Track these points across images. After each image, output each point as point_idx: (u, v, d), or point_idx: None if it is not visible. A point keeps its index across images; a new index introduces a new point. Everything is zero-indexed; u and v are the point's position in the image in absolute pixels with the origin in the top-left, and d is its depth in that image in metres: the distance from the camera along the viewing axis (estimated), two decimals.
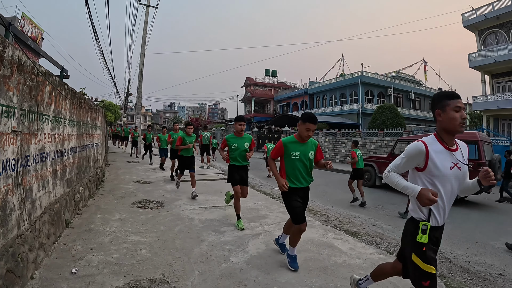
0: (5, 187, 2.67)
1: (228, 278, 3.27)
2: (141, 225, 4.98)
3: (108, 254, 3.71)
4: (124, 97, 35.65)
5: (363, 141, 20.19)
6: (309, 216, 6.13)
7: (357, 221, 6.35)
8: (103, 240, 4.19)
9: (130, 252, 3.82)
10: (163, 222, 5.23)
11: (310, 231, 5.08)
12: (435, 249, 2.21)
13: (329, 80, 39.79)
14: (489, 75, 24.84)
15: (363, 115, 32.38)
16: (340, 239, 4.80)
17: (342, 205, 8.13)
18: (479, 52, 24.28)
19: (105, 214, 5.49)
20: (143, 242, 4.20)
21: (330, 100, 38.84)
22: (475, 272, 4.16)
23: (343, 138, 22.31)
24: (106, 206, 6.08)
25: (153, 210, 6.00)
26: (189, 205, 6.51)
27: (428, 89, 41.42)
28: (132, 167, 12.86)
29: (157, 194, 7.43)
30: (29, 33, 18.44)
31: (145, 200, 6.65)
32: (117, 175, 10.20)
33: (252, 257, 3.88)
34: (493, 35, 24.09)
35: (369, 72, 34.76)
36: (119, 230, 4.66)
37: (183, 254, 3.87)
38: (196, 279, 3.20)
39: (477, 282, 3.82)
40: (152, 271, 3.34)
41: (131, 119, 60.80)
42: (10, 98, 2.74)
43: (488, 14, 23.12)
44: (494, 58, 22.49)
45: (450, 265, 4.37)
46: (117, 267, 3.39)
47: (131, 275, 3.21)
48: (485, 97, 23.71)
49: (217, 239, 4.50)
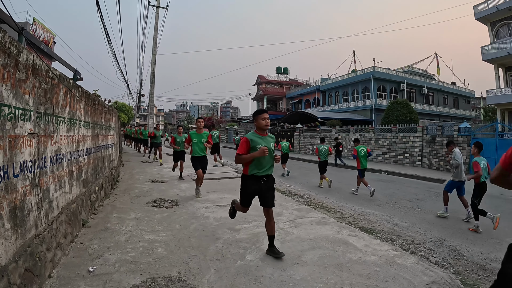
0: (23, 188, 2.72)
1: (243, 275, 3.28)
2: (157, 224, 5.03)
3: (124, 253, 3.76)
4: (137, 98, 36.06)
5: (377, 137, 19.94)
6: (323, 213, 6.11)
7: (372, 218, 6.29)
8: (119, 239, 4.24)
9: (146, 251, 3.86)
10: (178, 220, 5.27)
11: (325, 228, 5.07)
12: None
13: (341, 76, 39.40)
14: (502, 68, 24.15)
15: (376, 111, 32.00)
16: (355, 236, 4.76)
17: (356, 201, 8.07)
18: (492, 44, 23.64)
19: (120, 213, 5.56)
20: (159, 240, 4.24)
21: (343, 96, 38.49)
22: (491, 269, 4.09)
23: (356, 134, 22.04)
24: (122, 205, 6.16)
25: (168, 209, 6.04)
26: (203, 203, 6.54)
27: (441, 83, 40.74)
28: (146, 166, 12.99)
29: (172, 193, 7.48)
30: (41, 38, 18.71)
31: (160, 199, 6.70)
32: (131, 175, 10.32)
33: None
34: (506, 27, 23.38)
35: (381, 68, 34.35)
36: (135, 229, 4.71)
37: (198, 252, 3.89)
38: (212, 277, 3.22)
39: (493, 279, 3.71)
40: (168, 269, 3.37)
41: (144, 120, 61.46)
42: (26, 101, 2.79)
43: (500, 6, 22.43)
44: (507, 50, 21.84)
45: (465, 261, 4.31)
46: (134, 265, 3.42)
47: (148, 273, 3.25)
48: (499, 91, 23.08)
49: (232, 237, 4.51)
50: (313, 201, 7.37)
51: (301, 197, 7.79)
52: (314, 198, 7.92)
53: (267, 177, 3.89)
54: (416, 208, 7.57)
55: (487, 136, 15.12)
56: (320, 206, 6.94)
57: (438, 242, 5.10)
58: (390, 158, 18.96)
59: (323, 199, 8.07)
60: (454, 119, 35.96)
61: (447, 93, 40.76)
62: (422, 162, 17.17)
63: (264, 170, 3.84)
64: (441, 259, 4.25)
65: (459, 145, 14.67)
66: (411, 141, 17.91)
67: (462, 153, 14.33)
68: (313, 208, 6.47)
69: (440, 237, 5.39)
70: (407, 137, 18.14)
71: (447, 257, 4.39)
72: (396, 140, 18.80)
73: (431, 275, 3.51)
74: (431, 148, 16.43)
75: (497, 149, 13.23)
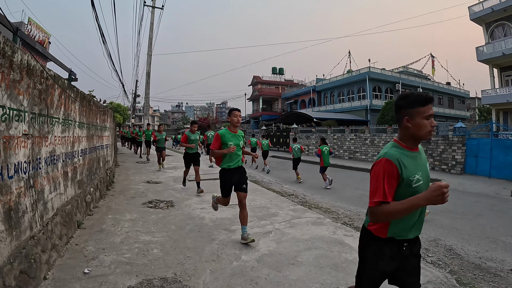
0: (17, 190, 2.70)
1: (239, 276, 3.28)
2: (152, 225, 5.02)
3: (120, 254, 3.75)
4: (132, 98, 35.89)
5: (372, 137, 20.03)
6: (318, 214, 6.13)
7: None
8: (115, 240, 4.23)
9: (141, 252, 3.85)
10: (174, 221, 5.27)
11: (321, 228, 5.09)
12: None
13: (336, 76, 39.58)
14: (497, 68, 24.35)
15: (371, 111, 32.18)
16: (350, 236, 4.77)
17: (352, 202, 8.11)
18: (486, 45, 23.83)
19: (116, 214, 5.54)
20: (155, 241, 4.24)
21: (338, 97, 38.68)
22: (486, 268, 4.13)
23: (351, 135, 22.13)
24: (117, 206, 6.14)
25: (164, 210, 6.04)
26: (199, 204, 6.54)
27: (436, 83, 41.06)
28: (142, 167, 12.95)
29: (167, 194, 7.47)
30: (36, 38, 18.61)
31: (155, 200, 6.69)
32: (127, 176, 10.29)
33: (263, 255, 3.89)
34: (501, 27, 23.60)
35: (376, 68, 34.55)
36: (130, 230, 4.70)
37: (194, 253, 3.89)
38: (207, 278, 3.22)
39: (488, 278, 3.79)
40: (164, 270, 3.36)
41: (140, 120, 61.25)
42: (20, 102, 2.77)
43: (495, 7, 22.63)
44: (502, 51, 22.06)
45: (461, 261, 4.34)
46: (129, 266, 3.42)
47: (143, 274, 3.24)
48: (493, 91, 23.29)
49: (228, 238, 4.52)
50: (308, 202, 7.39)
51: (297, 197, 7.81)
52: (310, 198, 7.95)
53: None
54: None
55: (482, 136, 15.21)
56: (315, 206, 6.96)
57: (433, 242, 5.13)
58: None
59: (319, 199, 8.10)
60: (449, 119, 36.19)
61: (442, 93, 41.07)
62: None
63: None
64: (436, 259, 4.29)
65: (455, 145, 14.83)
66: None
67: (457, 153, 14.53)
68: (309, 209, 6.48)
69: (435, 237, 5.42)
70: None
71: (442, 257, 4.42)
72: (392, 140, 18.84)
73: (427, 275, 3.53)
74: (426, 148, 16.51)
75: (492, 149, 13.31)
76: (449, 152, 15.14)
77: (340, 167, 17.15)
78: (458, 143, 14.79)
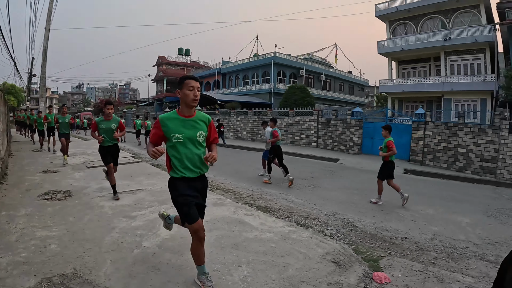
0: None
1: (141, 264, 3.33)
2: (49, 218, 4.75)
3: (16, 254, 3.51)
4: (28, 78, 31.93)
5: None
6: (220, 195, 6.34)
7: (269, 197, 6.77)
8: (10, 239, 3.93)
9: (38, 249, 3.66)
10: (71, 212, 5.04)
11: (221, 209, 5.33)
12: None
13: (242, 60, 40.11)
14: (396, 62, 27.79)
15: (275, 94, 33.51)
16: (251, 215, 5.11)
17: (254, 182, 8.50)
18: (388, 40, 26.95)
19: (9, 210, 5.09)
20: (52, 236, 4.05)
21: (243, 80, 39.44)
22: (382, 237, 4.66)
23: (254, 117, 23.17)
24: (11, 201, 5.63)
25: (61, 201, 5.72)
26: (98, 192, 6.33)
27: (338, 71, 44.73)
28: (38, 156, 11.84)
29: (65, 184, 7.06)
30: None
31: (52, 191, 6.27)
32: (21, 166, 9.35)
33: (164, 240, 3.96)
34: (403, 26, 26.89)
35: (282, 54, 35.81)
36: (26, 226, 4.39)
37: (94, 244, 3.82)
38: (108, 269, 3.21)
39: (385, 246, 4.30)
40: (62, 266, 3.26)
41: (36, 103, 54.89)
42: None
43: (400, 7, 25.69)
44: (402, 46, 25.28)
45: (358, 232, 4.85)
46: (27, 266, 3.24)
47: (42, 273, 3.11)
48: (391, 81, 26.70)
49: (128, 225, 4.50)
50: (210, 183, 7.25)
51: None
52: (212, 180, 7.99)
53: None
54: (311, 186, 8.32)
55: (377, 120, 17.40)
56: (218, 187, 7.19)
57: (332, 216, 5.62)
58: (288, 139, 20.27)
59: (221, 180, 8.33)
60: (349, 105, 40.04)
61: (344, 81, 44.98)
62: (317, 143, 18.82)
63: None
64: (335, 231, 4.71)
65: (352, 128, 16.55)
66: (307, 124, 19.40)
67: (354, 135, 16.15)
68: (211, 190, 6.40)
69: (334, 211, 5.94)
70: (304, 119, 19.58)
71: (340, 229, 4.88)
72: (293, 122, 20.17)
73: (325, 247, 3.93)
74: (326, 130, 18.07)
75: None
76: (347, 134, 16.84)
77: (243, 148, 17.79)
78: (355, 126, 16.52)
